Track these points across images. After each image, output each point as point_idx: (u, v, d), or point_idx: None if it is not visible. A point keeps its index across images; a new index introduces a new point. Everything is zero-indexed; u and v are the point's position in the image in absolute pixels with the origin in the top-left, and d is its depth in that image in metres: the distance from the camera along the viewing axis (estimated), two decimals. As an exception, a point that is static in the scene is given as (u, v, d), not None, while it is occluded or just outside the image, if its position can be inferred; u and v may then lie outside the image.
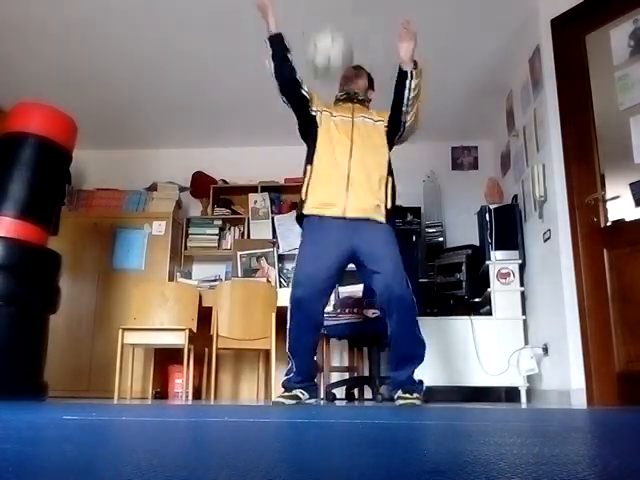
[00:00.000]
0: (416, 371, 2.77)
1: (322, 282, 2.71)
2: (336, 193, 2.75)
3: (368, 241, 2.73)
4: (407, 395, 2.65)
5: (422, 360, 2.77)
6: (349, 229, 2.72)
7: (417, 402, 2.64)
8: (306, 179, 2.86)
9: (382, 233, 2.75)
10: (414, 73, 2.81)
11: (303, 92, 2.90)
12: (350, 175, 2.76)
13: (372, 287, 2.82)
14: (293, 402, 2.68)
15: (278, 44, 2.81)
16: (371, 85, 3.14)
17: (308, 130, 2.95)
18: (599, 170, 3.16)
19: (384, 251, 2.73)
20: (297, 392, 2.72)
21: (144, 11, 3.83)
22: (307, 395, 2.75)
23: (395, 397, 2.72)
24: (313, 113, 2.93)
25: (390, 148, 2.97)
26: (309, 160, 2.90)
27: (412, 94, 2.83)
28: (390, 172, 2.90)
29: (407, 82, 2.81)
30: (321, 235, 2.75)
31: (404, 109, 2.87)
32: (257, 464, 0.64)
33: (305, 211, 2.81)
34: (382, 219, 2.75)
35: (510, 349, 3.87)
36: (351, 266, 2.92)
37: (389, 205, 2.80)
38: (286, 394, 2.73)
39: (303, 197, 2.84)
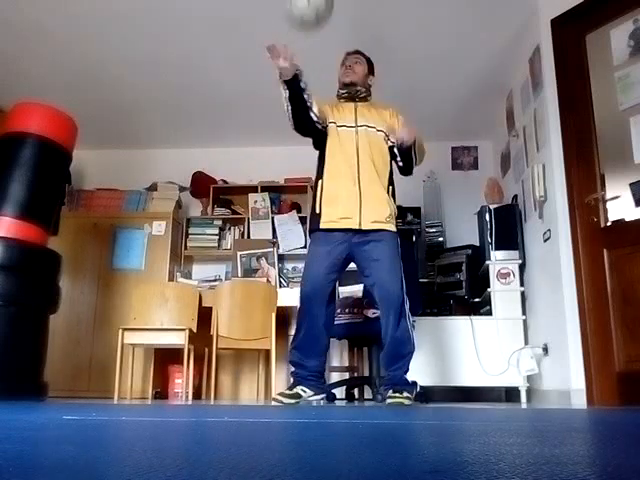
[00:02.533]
0: (410, 372, 2.78)
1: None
2: (350, 208, 2.79)
3: (372, 246, 2.78)
4: (397, 395, 2.65)
5: (411, 356, 2.78)
6: (357, 236, 2.80)
7: (406, 402, 2.63)
8: (318, 193, 2.87)
9: (389, 239, 2.82)
10: (415, 147, 2.90)
11: (316, 124, 2.86)
12: (361, 188, 2.79)
13: (368, 287, 2.85)
14: (292, 402, 2.67)
15: (294, 86, 2.68)
16: (371, 70, 3.12)
17: (319, 142, 2.99)
18: (599, 170, 3.16)
19: (383, 254, 2.75)
20: (299, 389, 2.72)
21: (144, 11, 3.83)
22: (310, 392, 2.76)
23: (386, 396, 2.72)
24: (323, 129, 2.94)
25: (392, 157, 3.01)
26: (320, 174, 2.92)
27: (418, 159, 2.96)
28: (392, 180, 2.96)
29: (411, 153, 2.91)
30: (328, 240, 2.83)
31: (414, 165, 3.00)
32: (257, 464, 0.64)
33: (322, 226, 2.82)
34: (394, 228, 2.85)
35: (510, 349, 3.87)
36: (352, 266, 2.93)
37: (396, 212, 2.92)
38: (287, 392, 2.73)
39: (317, 211, 2.85)
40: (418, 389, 2.84)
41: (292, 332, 4.46)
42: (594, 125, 3.21)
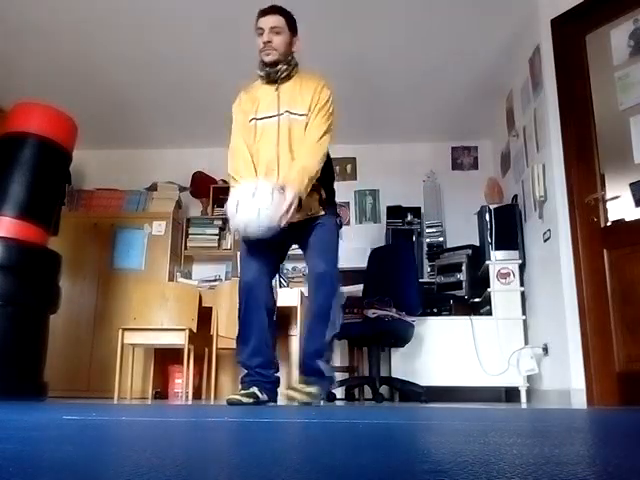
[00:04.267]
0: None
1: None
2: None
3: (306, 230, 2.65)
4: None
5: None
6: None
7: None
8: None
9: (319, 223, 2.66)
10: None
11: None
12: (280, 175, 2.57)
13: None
14: (250, 400, 2.49)
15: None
16: (293, 30, 2.67)
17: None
18: (599, 170, 3.17)
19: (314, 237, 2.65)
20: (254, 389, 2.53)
21: (144, 11, 3.83)
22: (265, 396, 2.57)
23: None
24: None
25: None
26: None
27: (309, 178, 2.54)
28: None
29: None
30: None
31: None
32: (257, 464, 0.64)
33: None
34: (322, 212, 2.66)
35: (510, 349, 3.87)
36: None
37: (324, 195, 2.67)
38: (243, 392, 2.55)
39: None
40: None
41: (292, 332, 4.47)
42: (594, 125, 3.21)
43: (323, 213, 2.65)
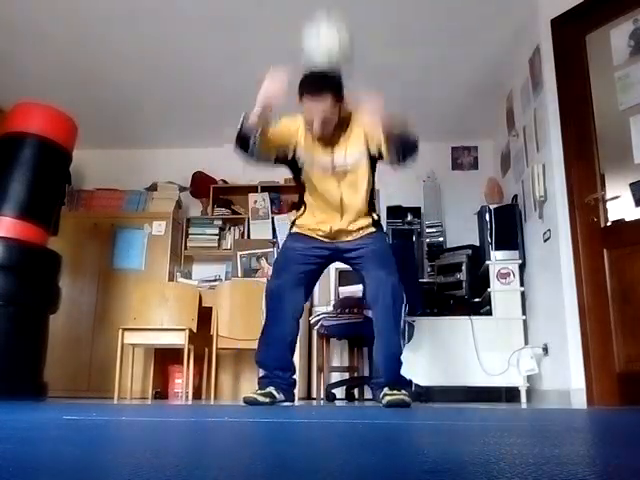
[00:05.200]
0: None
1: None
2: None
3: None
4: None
5: None
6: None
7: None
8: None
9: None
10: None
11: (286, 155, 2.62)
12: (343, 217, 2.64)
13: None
14: (267, 400, 2.51)
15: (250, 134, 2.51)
16: (340, 95, 2.49)
17: (296, 174, 2.71)
18: (599, 170, 3.16)
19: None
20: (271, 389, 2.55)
21: (144, 11, 3.83)
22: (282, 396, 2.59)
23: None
24: (296, 160, 2.64)
25: (374, 168, 2.68)
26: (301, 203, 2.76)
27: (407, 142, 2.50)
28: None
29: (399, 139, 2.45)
30: None
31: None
32: (257, 464, 0.64)
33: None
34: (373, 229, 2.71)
35: (510, 349, 3.87)
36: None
37: (376, 218, 2.74)
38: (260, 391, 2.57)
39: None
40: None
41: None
42: (594, 125, 3.21)
43: (374, 230, 2.70)
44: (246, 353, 4.66)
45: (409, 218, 5.18)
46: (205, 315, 4.10)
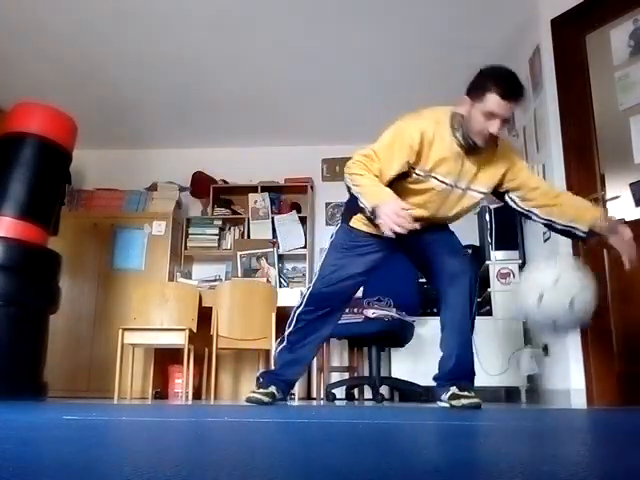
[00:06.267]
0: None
1: None
2: None
3: None
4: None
5: None
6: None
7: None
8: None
9: None
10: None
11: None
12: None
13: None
14: (270, 400, 2.54)
15: None
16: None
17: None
18: (599, 170, 3.16)
19: None
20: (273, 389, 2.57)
21: (144, 11, 3.83)
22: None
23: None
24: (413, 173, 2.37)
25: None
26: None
27: None
28: None
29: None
30: None
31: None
32: (257, 464, 0.64)
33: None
34: None
35: (510, 349, 3.87)
36: None
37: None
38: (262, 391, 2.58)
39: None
40: None
41: (292, 332, 4.46)
42: (594, 125, 3.21)
43: None
44: (246, 353, 4.67)
45: (409, 218, 5.17)
46: (205, 315, 4.10)
